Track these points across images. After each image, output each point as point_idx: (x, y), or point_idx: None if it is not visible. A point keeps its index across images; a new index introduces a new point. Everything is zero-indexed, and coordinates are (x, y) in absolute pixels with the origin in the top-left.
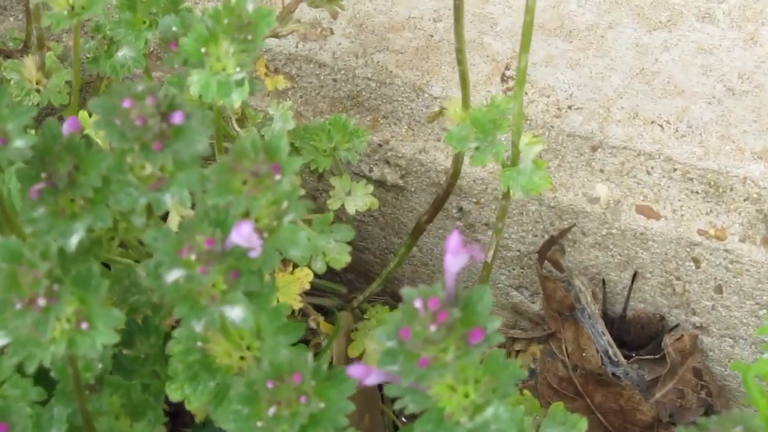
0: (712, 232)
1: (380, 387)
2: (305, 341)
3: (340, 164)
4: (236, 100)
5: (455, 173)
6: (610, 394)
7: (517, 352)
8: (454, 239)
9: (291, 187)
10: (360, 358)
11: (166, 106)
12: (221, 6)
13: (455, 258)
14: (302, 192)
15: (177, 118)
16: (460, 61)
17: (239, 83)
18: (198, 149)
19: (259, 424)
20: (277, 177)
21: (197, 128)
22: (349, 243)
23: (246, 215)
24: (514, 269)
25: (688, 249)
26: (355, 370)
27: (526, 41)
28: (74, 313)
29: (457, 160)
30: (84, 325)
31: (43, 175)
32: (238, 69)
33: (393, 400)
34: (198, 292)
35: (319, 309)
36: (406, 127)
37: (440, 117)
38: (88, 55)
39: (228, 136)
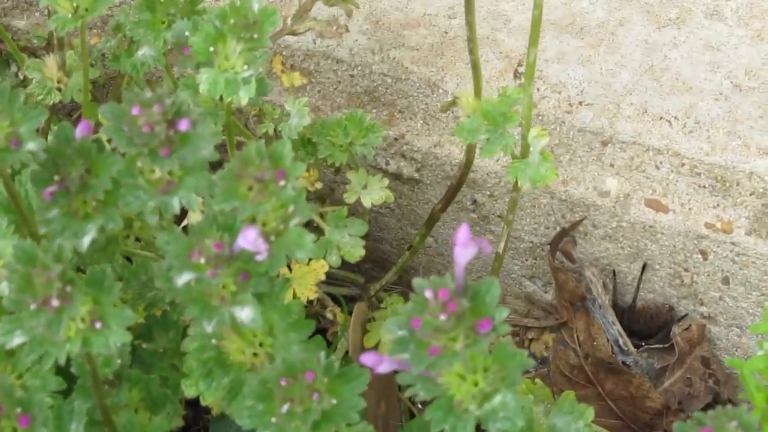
0: (718, 225)
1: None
2: (323, 330)
3: (356, 158)
4: (243, 97)
5: (468, 163)
6: (620, 382)
7: (530, 340)
8: (462, 232)
9: (296, 192)
10: (376, 348)
11: (173, 114)
12: (228, 6)
13: (464, 250)
14: (320, 185)
15: (183, 125)
16: (472, 51)
17: (247, 81)
18: (204, 155)
19: (273, 420)
20: (282, 183)
21: (203, 135)
22: (366, 234)
23: (252, 220)
24: (527, 260)
25: (695, 241)
26: (367, 358)
27: (534, 35)
28: (88, 313)
29: (470, 150)
30: (98, 325)
31: (56, 177)
32: (245, 67)
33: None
34: (208, 293)
35: (337, 298)
36: (421, 121)
37: (453, 107)
38: (109, 54)
39: (245, 134)
